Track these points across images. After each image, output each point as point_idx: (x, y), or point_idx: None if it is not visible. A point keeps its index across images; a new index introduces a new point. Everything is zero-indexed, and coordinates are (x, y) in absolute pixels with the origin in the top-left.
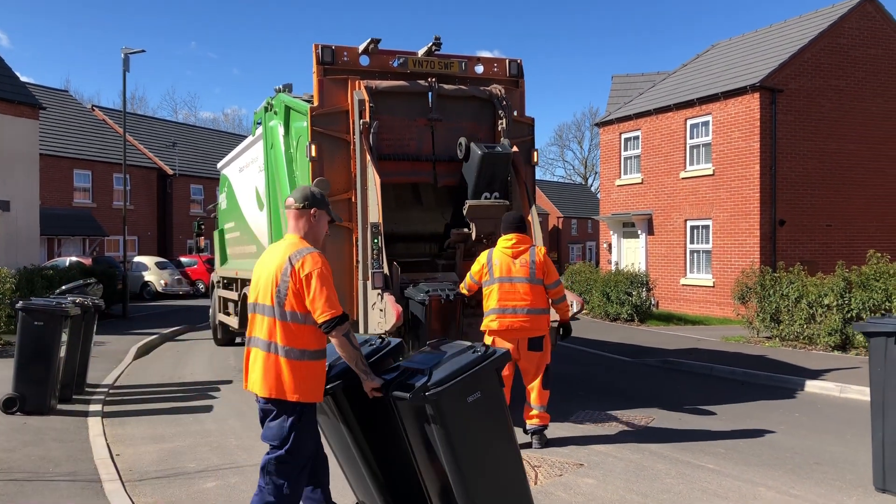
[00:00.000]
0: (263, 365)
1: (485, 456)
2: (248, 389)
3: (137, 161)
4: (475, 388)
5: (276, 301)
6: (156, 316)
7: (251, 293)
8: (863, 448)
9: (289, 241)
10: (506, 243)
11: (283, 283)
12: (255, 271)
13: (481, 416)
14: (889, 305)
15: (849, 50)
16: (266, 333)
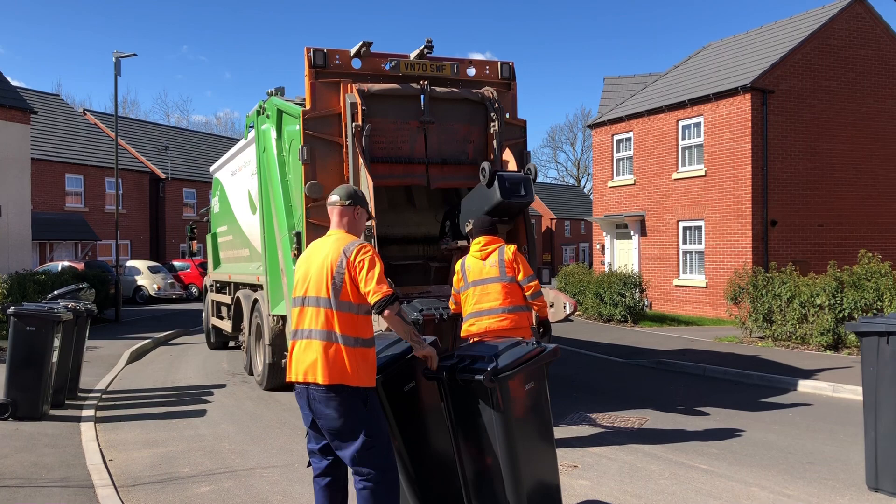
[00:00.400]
0: (324, 353)
1: (533, 445)
2: (297, 379)
3: (130, 165)
4: (531, 379)
5: (333, 292)
6: (149, 320)
7: (298, 288)
8: (855, 447)
9: (336, 235)
10: (475, 247)
11: (338, 276)
12: (301, 266)
13: (533, 407)
14: (881, 305)
15: (839, 51)
16: (323, 324)
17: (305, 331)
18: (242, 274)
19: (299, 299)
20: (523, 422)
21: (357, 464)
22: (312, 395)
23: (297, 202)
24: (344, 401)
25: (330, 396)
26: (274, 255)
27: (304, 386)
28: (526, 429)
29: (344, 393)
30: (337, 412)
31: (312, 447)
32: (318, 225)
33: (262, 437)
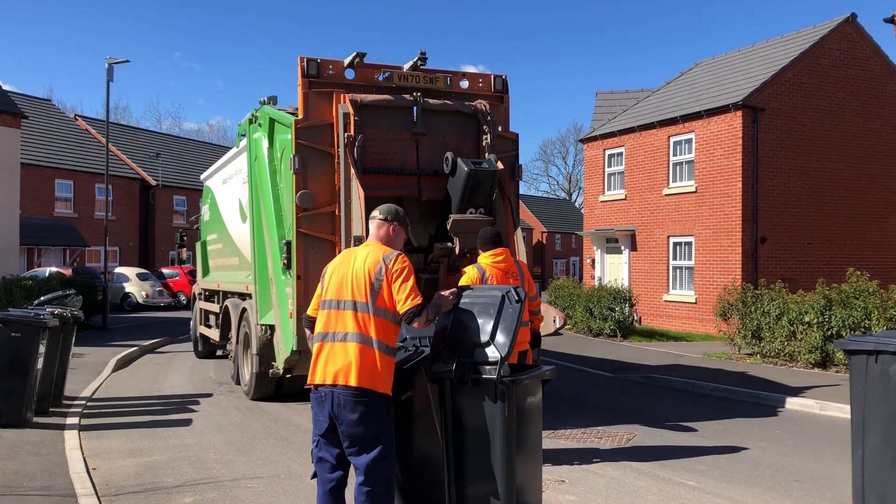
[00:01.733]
0: (359, 356)
1: (525, 454)
2: (326, 382)
3: (120, 171)
4: (533, 390)
5: (371, 297)
6: (136, 328)
7: (330, 291)
8: (842, 465)
9: (373, 245)
10: (495, 258)
11: (377, 281)
12: (335, 273)
13: (530, 417)
14: (868, 323)
15: (829, 70)
16: (358, 327)
17: (339, 333)
18: (231, 282)
19: (333, 302)
20: (521, 428)
21: (369, 472)
22: (339, 399)
23: (288, 211)
24: (370, 406)
25: (358, 400)
26: (263, 265)
27: (329, 389)
28: (522, 436)
29: (371, 398)
30: (361, 417)
31: (324, 455)
32: (309, 235)
33: (248, 448)
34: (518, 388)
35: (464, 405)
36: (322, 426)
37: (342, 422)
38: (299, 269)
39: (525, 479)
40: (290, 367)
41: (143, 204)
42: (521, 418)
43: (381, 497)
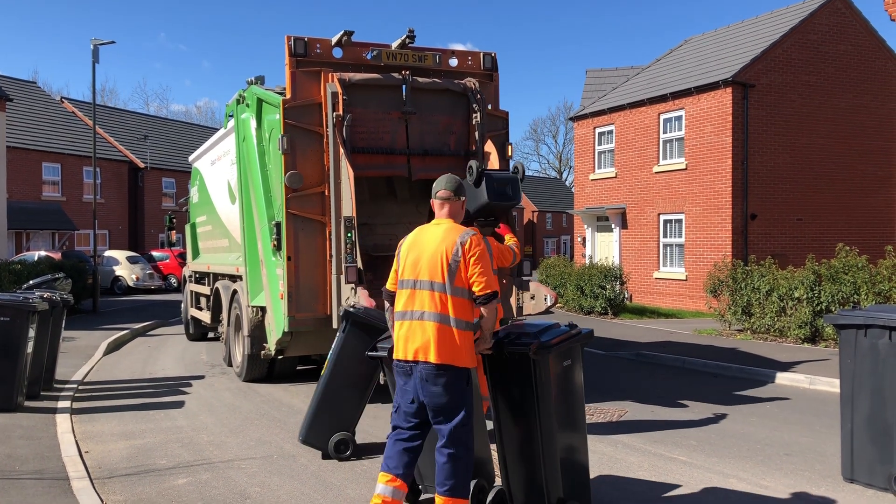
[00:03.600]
0: (437, 334)
1: (567, 419)
2: (407, 358)
3: (108, 154)
4: (568, 356)
5: (448, 277)
6: (127, 311)
7: (406, 271)
8: (831, 439)
9: (447, 225)
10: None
11: (454, 262)
12: (411, 252)
13: (569, 382)
14: (857, 298)
15: (819, 45)
16: (436, 307)
17: (417, 312)
18: (222, 264)
19: (409, 282)
20: (560, 395)
21: (452, 438)
22: (422, 374)
23: (277, 192)
24: (451, 379)
25: (440, 374)
26: (253, 246)
27: (411, 364)
28: (562, 402)
29: (452, 371)
30: (444, 389)
31: (399, 423)
32: (298, 215)
33: (241, 429)
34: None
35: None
36: (408, 396)
37: (426, 394)
38: (289, 249)
39: (568, 441)
40: (281, 348)
41: (132, 186)
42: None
43: (461, 460)
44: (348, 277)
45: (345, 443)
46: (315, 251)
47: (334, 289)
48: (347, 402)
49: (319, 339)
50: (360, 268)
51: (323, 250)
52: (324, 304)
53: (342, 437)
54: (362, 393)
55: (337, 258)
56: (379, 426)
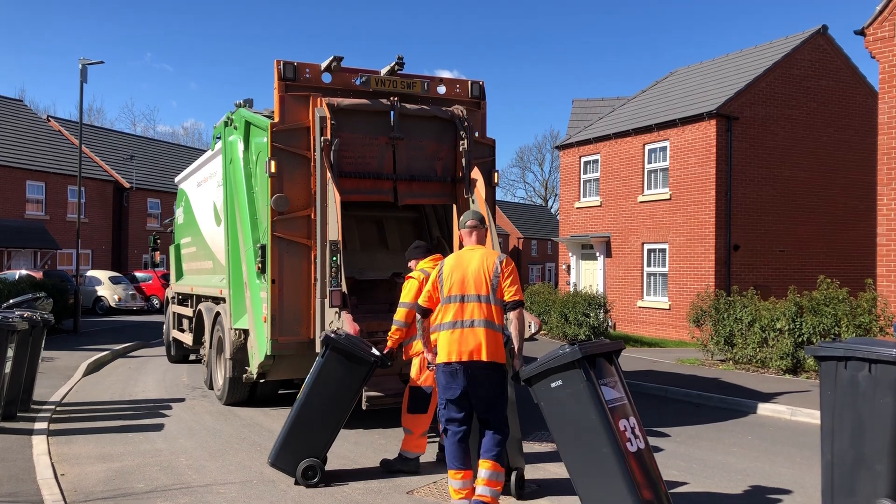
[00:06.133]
0: (487, 337)
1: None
2: (461, 359)
3: (93, 173)
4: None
5: (492, 291)
6: (108, 331)
7: (454, 287)
8: (812, 470)
9: (481, 250)
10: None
11: (495, 279)
12: (455, 272)
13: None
14: (838, 330)
15: (801, 80)
16: (485, 315)
17: (468, 321)
18: (205, 286)
19: (458, 297)
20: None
21: (498, 424)
22: (474, 372)
23: (263, 215)
24: (497, 374)
25: (490, 371)
26: (238, 268)
27: (463, 364)
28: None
29: (497, 368)
30: (493, 383)
31: (452, 416)
32: (284, 238)
33: (221, 453)
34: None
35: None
36: (455, 393)
37: (477, 389)
38: (274, 273)
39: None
40: (263, 371)
41: (117, 206)
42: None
43: (504, 440)
44: (333, 301)
45: (313, 469)
46: (300, 275)
47: (318, 313)
48: (321, 428)
49: (302, 363)
50: (344, 292)
51: (308, 274)
52: (307, 327)
53: (311, 463)
54: (337, 420)
55: (322, 282)
56: (360, 452)
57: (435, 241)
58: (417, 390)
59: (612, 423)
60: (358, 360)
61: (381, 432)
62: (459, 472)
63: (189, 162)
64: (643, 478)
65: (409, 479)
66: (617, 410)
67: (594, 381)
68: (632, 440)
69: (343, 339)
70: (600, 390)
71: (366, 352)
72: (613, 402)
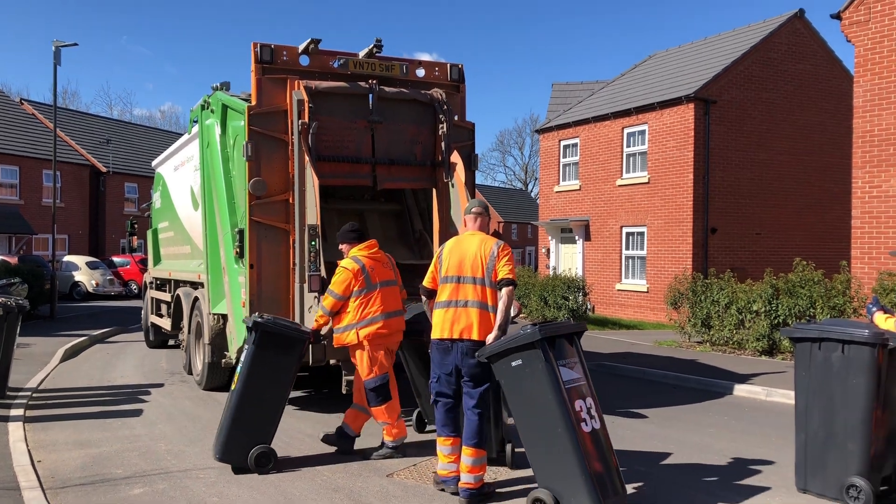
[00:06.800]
0: (479, 317)
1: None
2: (453, 337)
3: (69, 157)
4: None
5: (487, 274)
6: (85, 317)
7: (451, 269)
8: (786, 450)
9: (480, 236)
10: (370, 250)
11: (491, 262)
12: (453, 255)
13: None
14: (813, 312)
15: (779, 64)
16: (479, 296)
17: (462, 301)
18: (183, 271)
19: (454, 278)
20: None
21: (480, 400)
22: (464, 349)
23: (241, 199)
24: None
25: (472, 349)
26: (216, 253)
27: (454, 342)
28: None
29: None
30: (479, 361)
31: (443, 390)
32: (262, 223)
33: (200, 438)
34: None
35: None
36: (447, 368)
37: (465, 365)
38: (252, 257)
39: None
40: None
41: (93, 191)
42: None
43: (485, 417)
44: (311, 286)
45: (266, 456)
46: (278, 259)
47: (297, 297)
48: (266, 413)
49: None
50: (323, 276)
51: (286, 258)
52: (286, 312)
53: (263, 450)
54: (280, 403)
55: (300, 266)
56: None
57: (417, 235)
58: (374, 381)
59: (569, 402)
60: (291, 340)
61: None
62: (448, 439)
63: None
64: (597, 458)
65: (389, 463)
66: (574, 390)
67: (552, 362)
68: (587, 420)
69: (272, 322)
70: (558, 371)
71: (297, 330)
72: (571, 382)
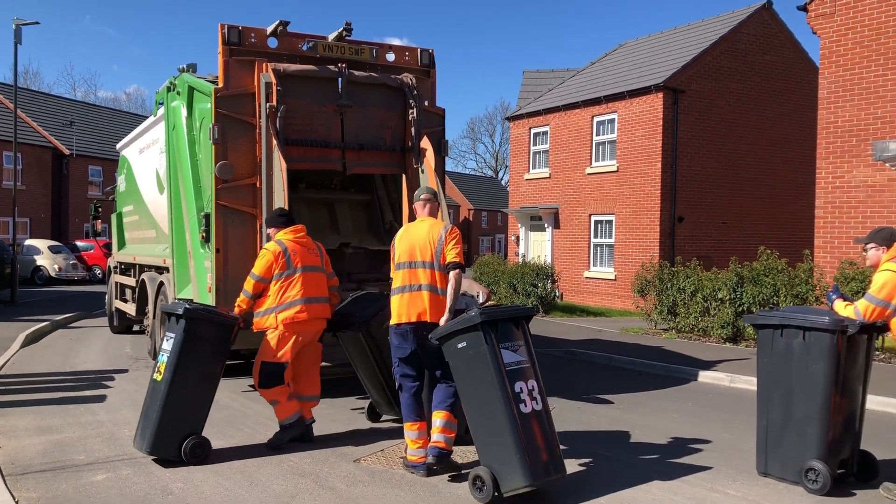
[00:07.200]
0: (430, 301)
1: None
2: (411, 320)
3: (30, 139)
4: (385, 319)
5: (436, 258)
6: (48, 302)
7: (403, 255)
8: (748, 435)
9: (431, 221)
10: (296, 234)
11: (439, 246)
12: (403, 242)
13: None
14: (776, 300)
15: (746, 55)
16: (430, 280)
17: (415, 285)
18: (148, 256)
19: (406, 263)
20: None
21: (445, 376)
22: (422, 332)
23: (207, 183)
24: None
25: (425, 331)
26: (181, 237)
27: (413, 325)
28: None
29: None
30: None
31: (407, 372)
32: (228, 207)
33: None
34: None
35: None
36: (406, 351)
37: (426, 347)
38: (218, 242)
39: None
40: None
41: (56, 174)
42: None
43: (456, 391)
44: None
45: (201, 446)
46: (245, 244)
47: None
48: (197, 402)
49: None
50: None
51: (253, 243)
52: None
53: (197, 440)
54: (211, 391)
55: None
56: None
57: (388, 226)
58: (271, 366)
59: (508, 384)
60: (221, 326)
61: (328, 402)
62: (415, 424)
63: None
64: (534, 438)
65: (356, 448)
66: (515, 373)
67: (494, 344)
68: (526, 402)
69: (201, 309)
70: (499, 353)
71: (226, 315)
72: (513, 364)
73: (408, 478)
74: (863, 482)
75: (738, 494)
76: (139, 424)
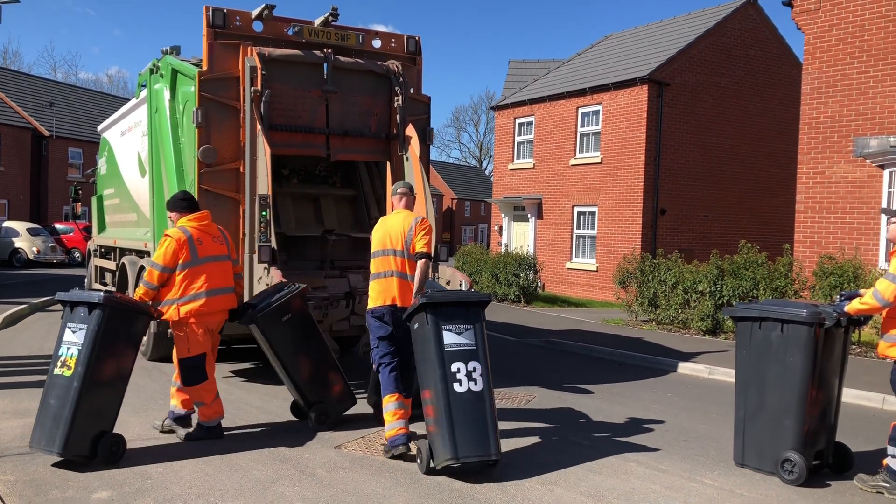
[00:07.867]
0: (400, 287)
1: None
2: (386, 304)
3: (9, 120)
4: (287, 312)
5: (406, 247)
6: (26, 285)
7: (377, 244)
8: (726, 426)
9: (405, 213)
10: (200, 222)
11: (409, 236)
12: (379, 231)
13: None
14: (756, 293)
15: (731, 49)
16: (400, 267)
17: (389, 272)
18: (129, 239)
19: (380, 251)
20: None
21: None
22: (395, 315)
23: (190, 167)
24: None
25: (398, 315)
26: (163, 221)
27: (389, 308)
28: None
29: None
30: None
31: (385, 351)
32: (211, 191)
33: (144, 408)
34: (267, 318)
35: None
36: (383, 332)
37: (398, 327)
38: None
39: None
40: None
41: (35, 155)
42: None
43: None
44: (261, 257)
45: (116, 443)
46: (227, 229)
47: (247, 268)
48: (112, 395)
49: None
50: (273, 247)
51: (236, 228)
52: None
53: (114, 438)
54: (125, 382)
55: (250, 237)
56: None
57: (373, 221)
58: (189, 361)
59: (446, 363)
60: (137, 315)
61: None
62: (394, 395)
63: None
64: (467, 416)
65: (337, 434)
66: (455, 354)
67: (437, 326)
68: (462, 381)
69: (119, 298)
70: (441, 334)
71: (144, 304)
72: (454, 346)
73: (388, 464)
74: (838, 473)
75: (716, 484)
76: (38, 424)
